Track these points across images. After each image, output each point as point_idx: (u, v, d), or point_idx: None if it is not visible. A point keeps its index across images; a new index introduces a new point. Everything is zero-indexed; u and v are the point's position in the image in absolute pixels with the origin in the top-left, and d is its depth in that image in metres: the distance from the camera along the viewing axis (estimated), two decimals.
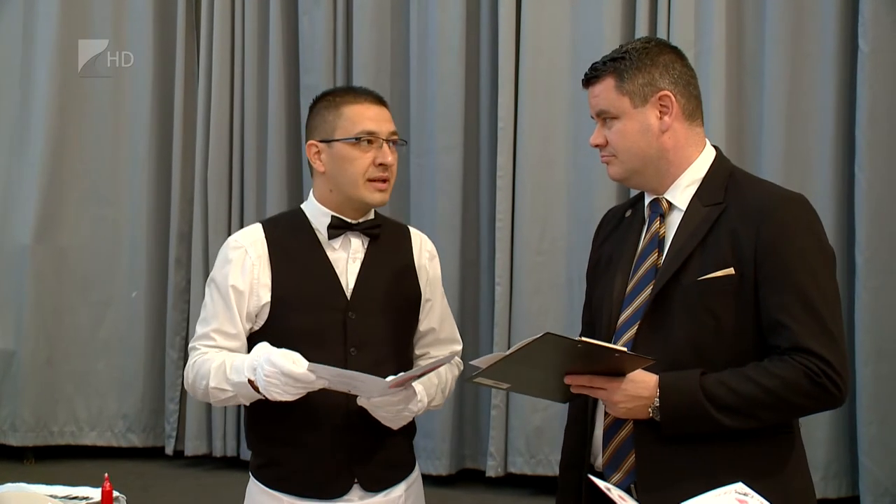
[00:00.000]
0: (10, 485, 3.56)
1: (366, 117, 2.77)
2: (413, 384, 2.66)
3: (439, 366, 2.67)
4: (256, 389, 2.57)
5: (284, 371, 2.48)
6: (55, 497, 3.13)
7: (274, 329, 2.74)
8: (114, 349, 5.41)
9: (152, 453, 5.35)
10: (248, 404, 2.74)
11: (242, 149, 5.24)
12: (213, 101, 5.25)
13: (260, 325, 2.76)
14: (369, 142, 2.74)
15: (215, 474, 4.89)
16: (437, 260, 2.97)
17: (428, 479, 4.72)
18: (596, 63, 2.55)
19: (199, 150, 5.29)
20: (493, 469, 4.76)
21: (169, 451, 5.32)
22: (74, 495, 3.38)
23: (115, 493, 3.65)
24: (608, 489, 1.92)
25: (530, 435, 4.67)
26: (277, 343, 2.63)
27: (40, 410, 5.36)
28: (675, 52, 2.63)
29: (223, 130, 5.25)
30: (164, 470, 5.18)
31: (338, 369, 2.54)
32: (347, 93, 2.91)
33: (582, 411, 2.64)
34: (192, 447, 5.24)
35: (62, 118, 5.41)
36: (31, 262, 5.37)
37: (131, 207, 5.42)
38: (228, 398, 2.70)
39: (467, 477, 4.89)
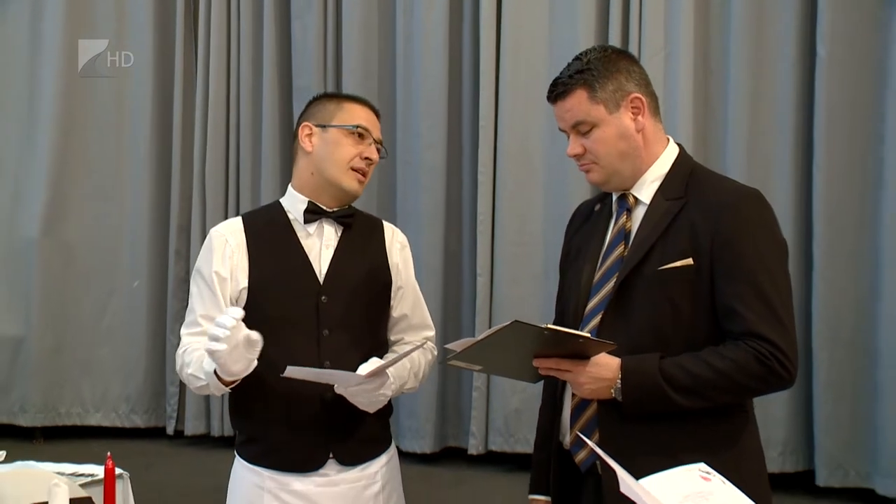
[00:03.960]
0: (19, 463, 3.61)
1: (363, 117, 2.86)
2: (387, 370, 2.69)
3: (407, 355, 2.70)
4: (224, 383, 2.58)
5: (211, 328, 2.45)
6: (62, 474, 3.16)
7: (252, 313, 2.71)
8: (117, 336, 5.43)
9: (154, 433, 5.37)
10: (218, 395, 2.76)
11: (238, 147, 5.25)
12: (210, 102, 5.26)
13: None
14: (361, 136, 2.82)
15: (213, 452, 4.91)
16: (408, 250, 2.99)
17: (413, 457, 4.78)
18: (560, 78, 2.54)
19: (198, 149, 5.30)
20: (474, 447, 4.79)
21: (170, 431, 5.35)
22: (80, 472, 3.41)
23: (119, 471, 3.67)
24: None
25: (509, 415, 4.70)
26: (255, 326, 2.62)
27: (48, 393, 5.39)
28: (630, 56, 2.66)
29: (220, 129, 5.27)
30: (166, 449, 5.21)
31: (315, 370, 2.60)
32: (351, 96, 3.00)
33: (552, 393, 2.67)
34: (192, 427, 5.27)
35: (67, 118, 5.43)
36: (38, 255, 5.39)
37: (133, 203, 5.43)
38: (202, 387, 2.69)
39: (450, 455, 4.92)
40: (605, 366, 2.40)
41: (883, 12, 4.28)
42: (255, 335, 2.49)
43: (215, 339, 2.45)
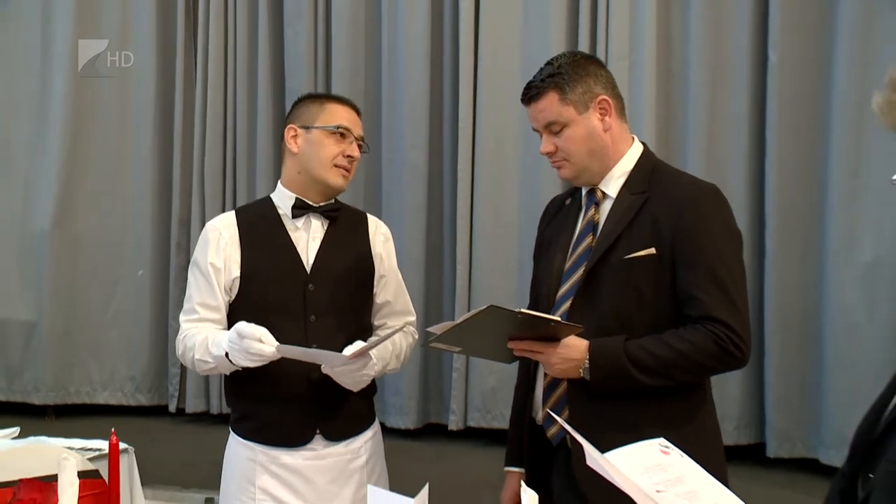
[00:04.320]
0: (32, 438, 3.59)
1: (344, 117, 2.83)
2: (370, 352, 2.68)
3: (389, 337, 2.70)
4: (231, 362, 2.62)
5: (246, 350, 2.54)
6: (71, 449, 3.13)
7: (245, 300, 2.79)
8: (123, 320, 5.40)
9: (157, 411, 5.35)
10: (227, 374, 2.77)
11: (235, 145, 5.23)
12: (208, 103, 5.23)
13: (233, 297, 2.80)
14: (343, 135, 2.80)
15: (212, 429, 4.88)
16: (391, 242, 2.99)
17: (397, 433, 4.77)
18: (533, 82, 2.55)
19: (197, 147, 5.27)
20: (454, 423, 4.79)
21: (172, 408, 5.33)
22: (88, 447, 3.39)
23: (124, 445, 3.66)
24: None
25: (486, 394, 4.70)
26: (248, 312, 2.69)
27: (59, 373, 5.36)
28: (598, 61, 2.67)
29: (217, 129, 5.23)
30: (168, 425, 5.19)
31: (303, 349, 2.60)
32: (332, 96, 2.99)
33: (526, 374, 2.68)
34: (192, 405, 5.25)
35: (75, 119, 5.39)
36: (49, 247, 5.35)
37: (137, 198, 5.40)
38: (210, 368, 2.74)
39: (432, 430, 4.91)
40: (575, 347, 2.41)
41: (827, 22, 4.29)
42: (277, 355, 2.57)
43: (243, 358, 2.56)
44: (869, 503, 1.14)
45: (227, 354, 2.61)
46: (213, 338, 2.68)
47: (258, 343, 2.53)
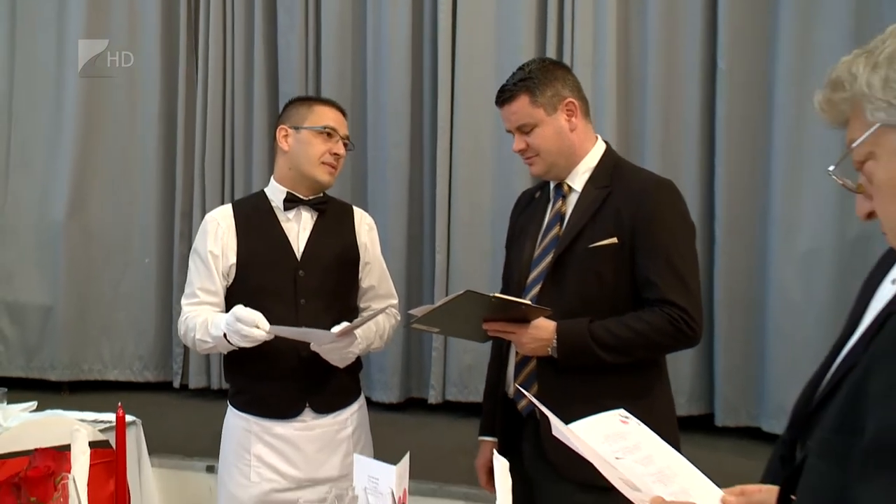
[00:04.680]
0: (48, 411, 3.62)
1: (330, 117, 2.82)
2: (355, 331, 2.69)
3: (372, 318, 2.70)
4: (229, 342, 2.63)
5: (240, 332, 2.56)
6: (84, 421, 3.16)
7: (241, 285, 2.79)
8: (131, 304, 5.36)
9: (162, 386, 5.32)
10: (225, 353, 2.77)
11: (232, 143, 5.19)
12: (209, 105, 5.20)
13: (230, 282, 2.80)
14: (329, 135, 2.79)
15: (213, 402, 4.84)
16: (375, 231, 2.98)
17: (381, 406, 4.77)
18: (506, 86, 2.55)
19: (198, 145, 5.23)
20: (433, 397, 4.78)
21: (176, 384, 5.30)
22: (100, 420, 3.42)
23: (132, 418, 3.69)
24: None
25: (463, 370, 4.69)
26: (244, 296, 2.70)
27: (73, 352, 5.33)
28: (565, 66, 2.66)
29: (216, 128, 5.20)
30: (173, 400, 5.15)
31: (294, 328, 2.60)
32: (319, 98, 3.01)
33: (499, 352, 2.68)
34: (195, 381, 5.22)
35: (87, 120, 5.34)
36: (64, 236, 5.32)
37: (143, 191, 5.36)
38: (210, 348, 2.75)
39: (413, 404, 4.90)
40: (544, 328, 2.41)
41: (768, 34, 4.29)
42: (269, 336, 2.58)
43: (240, 339, 2.57)
44: (804, 467, 1.14)
45: (225, 335, 2.62)
46: (212, 320, 2.69)
47: (254, 328, 2.54)
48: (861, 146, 1.15)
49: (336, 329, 2.60)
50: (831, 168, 1.23)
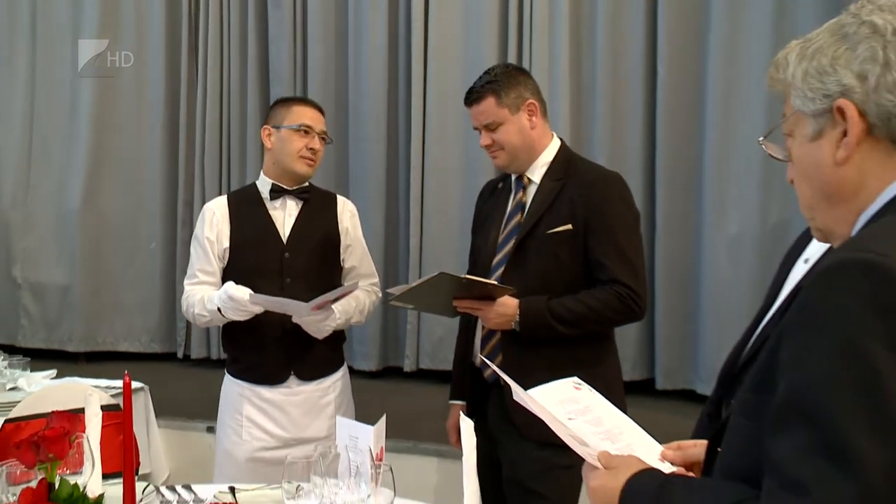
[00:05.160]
0: (66, 378, 3.64)
1: (306, 116, 2.80)
2: (332, 306, 2.68)
3: (344, 293, 2.69)
4: (223, 315, 2.65)
5: (231, 296, 2.60)
6: (98, 387, 3.19)
7: (233, 265, 2.79)
8: (139, 284, 5.31)
9: (167, 357, 5.27)
10: (220, 325, 2.78)
11: (229, 140, 5.13)
12: (207, 106, 5.13)
13: (225, 263, 2.80)
14: (306, 132, 2.78)
15: (212, 371, 4.80)
16: (356, 217, 2.97)
17: (362, 374, 4.75)
18: (474, 87, 2.53)
19: (198, 142, 5.17)
20: (408, 366, 4.77)
21: (179, 355, 5.25)
22: (111, 386, 3.43)
23: (140, 385, 3.68)
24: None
25: (435, 342, 4.68)
26: (236, 275, 2.70)
27: (88, 326, 5.28)
28: (525, 71, 2.66)
29: (214, 127, 5.13)
30: (176, 369, 5.10)
31: (274, 298, 2.61)
32: (298, 99, 2.99)
33: (467, 326, 2.67)
34: (196, 352, 5.18)
35: (100, 119, 5.28)
36: (79, 223, 5.27)
37: (149, 183, 5.29)
38: (207, 321, 2.76)
39: (390, 372, 4.88)
40: (507, 305, 2.40)
41: (701, 43, 4.29)
42: (258, 309, 2.62)
43: (233, 311, 2.61)
44: (728, 423, 1.16)
45: (219, 310, 2.64)
46: (208, 296, 2.71)
47: (240, 293, 2.59)
48: (785, 123, 1.18)
49: (311, 302, 2.59)
50: (760, 139, 1.25)
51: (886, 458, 0.91)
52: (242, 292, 2.59)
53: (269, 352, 2.76)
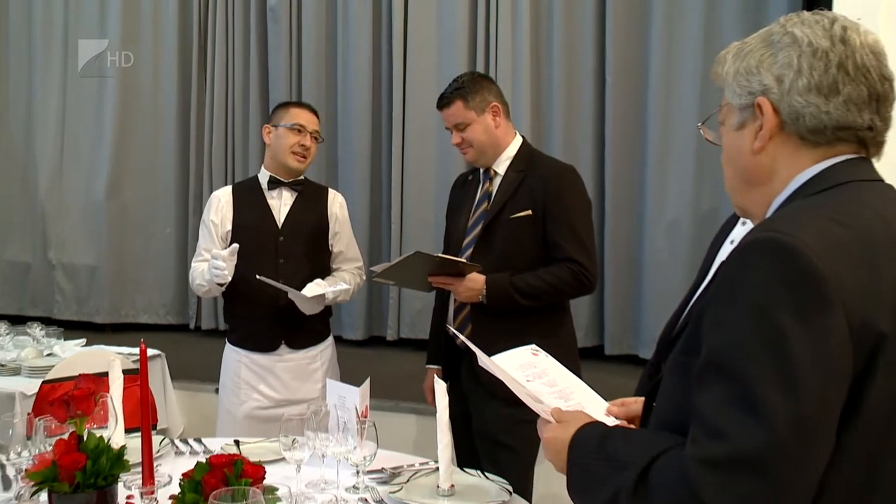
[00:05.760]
0: (94, 346, 3.64)
1: (301, 117, 2.79)
2: (322, 289, 2.68)
3: (336, 293, 2.70)
4: (219, 285, 2.64)
5: (213, 255, 2.58)
6: (121, 354, 3.20)
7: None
8: (157, 264, 5.23)
9: (181, 328, 5.20)
10: (217, 294, 2.75)
11: (233, 139, 5.04)
12: (214, 108, 5.04)
13: (227, 244, 2.77)
14: (299, 131, 2.76)
15: (220, 340, 4.54)
16: (345, 208, 2.95)
17: (348, 342, 4.70)
18: (444, 93, 2.52)
19: (206, 140, 5.09)
20: (390, 335, 4.72)
21: (192, 326, 5.18)
22: (133, 353, 3.44)
23: (157, 352, 3.67)
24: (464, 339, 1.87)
25: (414, 314, 4.64)
26: (237, 256, 2.64)
27: (114, 301, 5.22)
28: (490, 78, 2.66)
29: (221, 128, 5.04)
30: (189, 339, 5.02)
31: (279, 284, 2.61)
32: (296, 102, 2.96)
33: (441, 299, 2.65)
34: (206, 323, 5.11)
35: (122, 119, 5.19)
36: (105, 212, 5.20)
37: (165, 176, 5.20)
38: (206, 291, 2.74)
39: (374, 341, 4.82)
40: (476, 281, 2.38)
41: (643, 53, 4.25)
42: (234, 247, 2.58)
43: (216, 269, 2.56)
44: (661, 382, 1.19)
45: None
46: (204, 268, 2.70)
47: (219, 262, 2.56)
48: (720, 113, 1.19)
49: (310, 291, 2.62)
50: (699, 124, 1.27)
51: (791, 409, 0.93)
52: (219, 261, 2.55)
53: (263, 323, 2.76)
